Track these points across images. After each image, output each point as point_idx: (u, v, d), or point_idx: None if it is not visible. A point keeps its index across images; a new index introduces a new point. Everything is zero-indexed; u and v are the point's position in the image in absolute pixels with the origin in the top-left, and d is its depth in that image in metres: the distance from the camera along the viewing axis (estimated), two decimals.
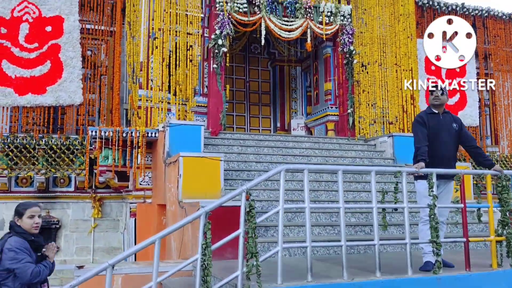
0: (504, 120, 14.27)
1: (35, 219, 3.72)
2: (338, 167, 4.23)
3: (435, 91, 4.93)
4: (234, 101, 12.97)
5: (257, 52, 13.34)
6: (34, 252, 3.70)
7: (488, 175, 4.75)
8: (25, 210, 3.73)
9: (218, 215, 4.95)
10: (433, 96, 4.95)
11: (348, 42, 10.81)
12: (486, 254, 4.82)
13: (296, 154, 9.34)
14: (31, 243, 3.70)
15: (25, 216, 3.71)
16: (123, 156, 8.76)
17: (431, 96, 4.98)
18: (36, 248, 3.74)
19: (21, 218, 3.71)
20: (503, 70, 14.52)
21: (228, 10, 9.98)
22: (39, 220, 3.76)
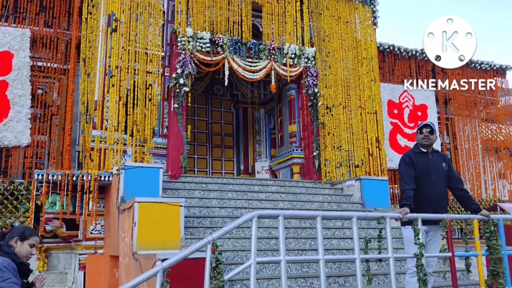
0: (466, 164, 14.34)
1: (33, 250, 3.53)
2: (317, 213, 3.74)
3: (425, 130, 4.62)
4: (196, 143, 12.43)
5: (220, 94, 12.98)
6: (20, 277, 3.38)
7: (475, 220, 4.39)
8: (30, 236, 3.50)
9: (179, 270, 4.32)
10: (422, 135, 4.63)
11: (312, 84, 10.62)
12: None
13: (262, 198, 8.83)
14: (19, 266, 3.38)
15: (27, 241, 3.47)
16: (72, 202, 7.97)
17: (420, 135, 4.65)
18: (23, 273, 3.43)
19: (22, 242, 3.45)
20: (463, 114, 14.76)
21: (191, 49, 9.62)
22: (35, 252, 3.57)
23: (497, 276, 4.25)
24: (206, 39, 9.84)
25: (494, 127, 15.20)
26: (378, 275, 6.05)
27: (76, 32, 9.62)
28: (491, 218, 4.39)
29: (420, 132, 4.66)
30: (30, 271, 3.53)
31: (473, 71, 15.01)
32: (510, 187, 14.64)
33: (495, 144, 15.12)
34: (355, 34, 11.68)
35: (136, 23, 9.45)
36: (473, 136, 14.68)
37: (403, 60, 13.96)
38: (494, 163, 14.93)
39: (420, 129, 4.67)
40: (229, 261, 6.12)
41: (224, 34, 10.08)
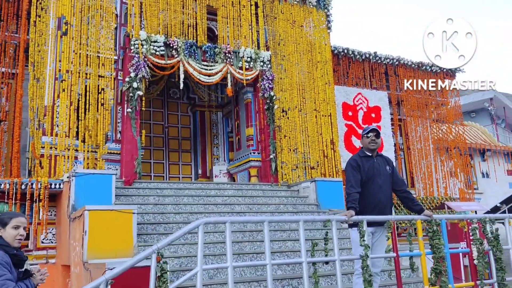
0: (418, 163, 14.80)
1: (20, 231, 3.31)
2: (264, 218, 3.78)
3: (372, 135, 4.74)
4: (152, 148, 12.28)
5: (176, 97, 12.87)
6: (15, 268, 3.25)
7: (418, 221, 4.55)
8: (10, 219, 3.31)
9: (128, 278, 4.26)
10: (369, 140, 4.75)
11: (268, 88, 10.70)
12: None
13: (219, 202, 8.81)
14: (13, 257, 3.23)
15: (9, 226, 3.28)
16: (22, 211, 7.69)
17: (367, 139, 4.76)
18: (18, 263, 3.30)
19: (4, 228, 3.28)
20: (415, 115, 15.23)
21: (144, 52, 9.50)
22: (23, 232, 3.34)
23: (440, 274, 4.41)
24: (160, 42, 9.75)
25: (444, 127, 15.76)
26: (331, 275, 6.15)
27: (25, 36, 9.31)
28: (434, 218, 4.56)
29: (367, 136, 4.77)
30: (24, 260, 3.40)
31: (424, 73, 15.52)
32: (460, 185, 15.21)
33: (445, 144, 15.68)
34: (310, 38, 11.85)
35: (88, 26, 9.26)
36: (424, 136, 15.17)
37: (357, 63, 14.25)
38: (445, 162, 15.47)
39: (366, 133, 4.78)
40: (183, 268, 6.10)
41: (178, 37, 10.02)
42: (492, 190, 18.87)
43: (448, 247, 4.56)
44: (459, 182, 15.39)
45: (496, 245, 4.86)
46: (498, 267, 4.84)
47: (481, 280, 4.70)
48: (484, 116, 27.40)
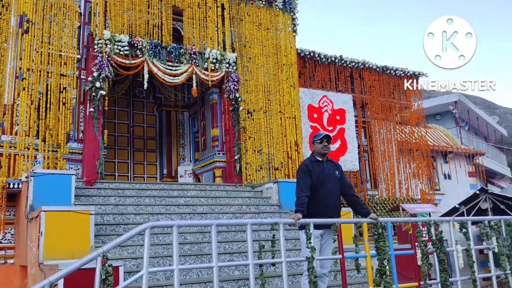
0: (381, 165, 15.17)
1: None
2: (212, 221, 3.88)
3: (324, 141, 4.89)
4: (116, 147, 12.21)
5: (142, 96, 12.84)
6: None
7: (365, 224, 4.73)
8: None
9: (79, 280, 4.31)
10: (321, 145, 4.90)
11: (233, 89, 10.80)
12: None
13: (181, 203, 8.87)
14: None
15: None
16: None
17: (319, 145, 4.91)
18: None
19: None
20: (379, 118, 15.59)
21: (108, 52, 9.46)
22: None
23: (384, 275, 4.61)
24: (125, 42, 9.73)
25: (407, 130, 16.20)
26: (279, 276, 6.31)
27: None
28: (379, 221, 4.75)
29: (320, 142, 4.92)
30: None
31: (388, 77, 15.91)
32: (422, 186, 15.66)
33: (408, 146, 16.11)
34: (276, 40, 12.00)
35: (50, 24, 9.15)
36: (388, 139, 15.54)
37: (323, 66, 14.48)
38: (407, 164, 15.90)
39: (320, 139, 4.92)
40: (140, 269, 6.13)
41: (143, 37, 10.01)
42: (453, 191, 19.49)
43: (392, 249, 4.76)
44: (421, 183, 15.84)
45: (440, 247, 5.09)
46: (442, 268, 5.08)
47: (425, 280, 4.92)
48: (449, 118, 28.20)
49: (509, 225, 5.79)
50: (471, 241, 5.35)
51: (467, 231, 5.40)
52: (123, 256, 6.51)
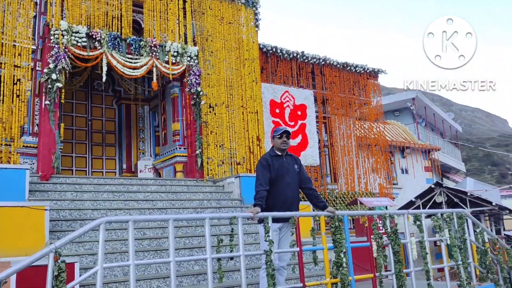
0: (341, 160, 15.46)
1: None
2: (169, 216, 3.85)
3: (284, 136, 4.92)
4: (74, 141, 11.90)
5: (101, 89, 12.54)
6: None
7: (322, 217, 4.81)
8: None
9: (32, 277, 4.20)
10: (281, 141, 4.93)
11: (195, 83, 10.71)
12: None
13: (140, 198, 8.73)
14: None
15: None
16: None
17: (279, 140, 4.94)
18: None
19: None
20: (339, 113, 15.86)
21: (65, 43, 9.18)
22: None
23: (341, 267, 4.71)
24: (82, 33, 9.47)
25: (366, 126, 16.55)
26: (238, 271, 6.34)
27: None
28: (336, 215, 4.84)
29: (279, 137, 4.95)
30: None
31: (349, 73, 16.20)
32: (380, 181, 16.06)
33: (367, 141, 16.48)
34: (238, 35, 11.98)
35: (4, 13, 8.80)
36: (347, 134, 15.85)
37: (285, 61, 14.59)
38: (366, 159, 16.26)
39: (279, 134, 4.95)
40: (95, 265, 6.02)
41: (102, 28, 9.78)
42: (410, 185, 20.10)
43: (349, 241, 4.86)
44: (379, 177, 16.25)
45: (394, 239, 5.24)
46: (396, 260, 5.23)
47: (380, 272, 5.06)
48: (407, 115, 28.97)
49: (460, 218, 6.02)
50: (424, 233, 5.54)
51: (420, 224, 5.58)
52: (80, 253, 6.36)
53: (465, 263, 5.82)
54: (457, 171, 34.67)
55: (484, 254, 6.18)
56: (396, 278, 5.17)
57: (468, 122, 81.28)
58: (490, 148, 54.91)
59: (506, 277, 6.23)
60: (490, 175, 53.44)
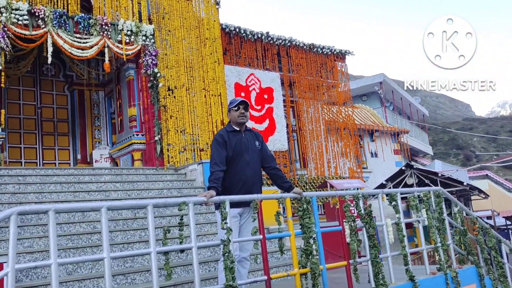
0: (310, 144, 14.97)
1: None
2: (101, 204, 3.17)
3: (241, 107, 4.29)
4: (22, 131, 10.94)
5: (50, 75, 11.57)
6: None
7: (288, 199, 4.22)
8: None
9: None
10: (238, 113, 4.30)
11: (151, 64, 9.95)
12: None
13: (93, 189, 7.98)
14: None
15: None
16: None
17: (236, 113, 4.31)
18: None
19: None
20: (306, 97, 15.34)
21: (4, 21, 8.29)
22: None
23: (311, 255, 4.15)
24: (24, 11, 8.61)
25: (335, 110, 16.11)
26: None
27: None
28: (304, 196, 4.27)
29: (236, 109, 4.34)
30: None
31: (316, 55, 15.67)
32: (350, 165, 15.68)
33: (336, 125, 16.04)
34: (197, 13, 11.24)
35: None
36: (316, 118, 15.35)
37: (249, 42, 13.92)
38: (335, 143, 15.83)
39: (235, 106, 4.34)
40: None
41: (46, 5, 8.89)
42: (380, 169, 19.89)
43: (319, 225, 4.31)
44: (349, 161, 15.86)
45: (369, 221, 4.72)
46: (371, 244, 4.72)
47: (354, 258, 4.53)
48: (374, 99, 28.86)
49: (438, 196, 5.56)
50: (401, 213, 5.04)
51: (396, 204, 5.09)
52: (18, 251, 5.61)
53: (444, 245, 5.37)
54: (425, 155, 34.96)
55: (464, 235, 5.76)
56: (372, 265, 4.66)
57: (432, 108, 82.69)
58: (455, 132, 55.86)
59: (487, 258, 5.83)
60: (456, 158, 54.41)
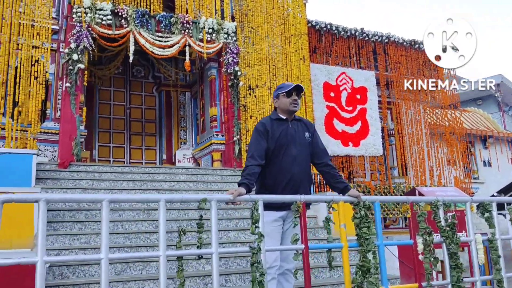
0: (409, 150, 13.63)
1: None
2: (103, 196, 2.74)
3: (294, 94, 3.69)
4: (112, 130, 11.29)
5: (140, 76, 11.85)
6: None
7: (340, 202, 3.46)
8: None
9: None
10: (290, 100, 3.70)
11: (232, 62, 9.64)
12: None
13: (165, 188, 7.81)
14: None
15: None
16: None
17: (287, 100, 3.71)
18: None
19: None
20: (406, 98, 14.03)
21: (88, 21, 8.51)
22: None
23: (368, 273, 3.35)
24: (107, 11, 8.77)
25: (439, 112, 14.55)
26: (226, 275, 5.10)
27: None
28: (362, 200, 3.48)
29: (287, 95, 3.71)
30: None
31: (417, 52, 14.30)
32: (456, 173, 14.01)
33: (441, 129, 14.47)
34: (283, 8, 10.72)
35: None
36: (417, 121, 13.97)
37: (341, 40, 13.07)
38: (440, 149, 14.28)
39: (288, 91, 3.71)
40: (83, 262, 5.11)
41: (129, 5, 9.01)
42: (494, 180, 17.60)
43: (382, 237, 3.49)
44: (455, 170, 14.19)
45: (450, 236, 3.77)
46: (453, 265, 3.76)
47: (428, 281, 3.63)
48: (490, 103, 26.01)
49: None
50: (495, 228, 3.99)
51: (490, 216, 4.04)
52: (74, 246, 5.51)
53: None
54: None
55: None
56: None
57: None
58: None
59: None
60: None
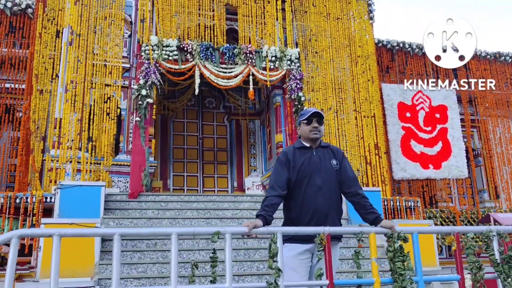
0: (499, 171, 12.48)
1: None
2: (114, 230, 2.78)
3: (314, 120, 3.49)
4: (186, 160, 11.66)
5: (212, 106, 12.19)
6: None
7: (372, 234, 3.20)
8: None
9: None
10: (310, 127, 3.46)
11: (296, 88, 9.59)
12: None
13: (228, 216, 7.85)
14: None
15: None
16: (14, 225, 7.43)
17: (307, 127, 3.49)
18: None
19: None
20: (493, 114, 12.97)
21: (155, 58, 8.98)
22: None
23: None
24: (173, 47, 9.20)
25: None
26: None
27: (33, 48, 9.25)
28: (397, 231, 3.18)
29: (308, 123, 3.50)
30: None
31: (503, 65, 13.26)
32: None
33: None
34: (348, 30, 10.53)
35: (95, 35, 8.98)
36: (507, 139, 12.81)
37: (416, 57, 12.51)
38: None
39: (307, 118, 3.50)
40: None
41: (193, 40, 9.38)
42: None
43: (421, 272, 3.15)
44: None
45: (506, 271, 3.31)
46: None
47: None
48: None
49: None
50: None
51: None
52: (131, 276, 5.68)
53: None
54: None
55: None
56: None
57: None
58: None
59: None
60: None
